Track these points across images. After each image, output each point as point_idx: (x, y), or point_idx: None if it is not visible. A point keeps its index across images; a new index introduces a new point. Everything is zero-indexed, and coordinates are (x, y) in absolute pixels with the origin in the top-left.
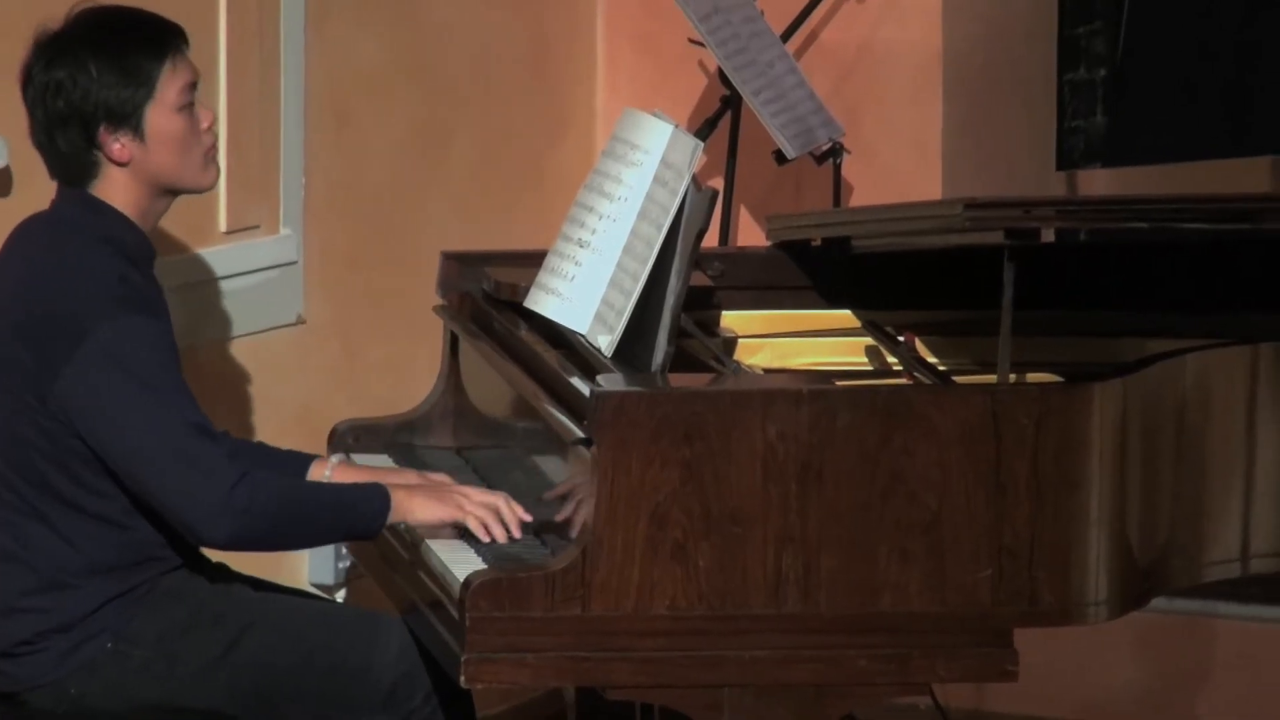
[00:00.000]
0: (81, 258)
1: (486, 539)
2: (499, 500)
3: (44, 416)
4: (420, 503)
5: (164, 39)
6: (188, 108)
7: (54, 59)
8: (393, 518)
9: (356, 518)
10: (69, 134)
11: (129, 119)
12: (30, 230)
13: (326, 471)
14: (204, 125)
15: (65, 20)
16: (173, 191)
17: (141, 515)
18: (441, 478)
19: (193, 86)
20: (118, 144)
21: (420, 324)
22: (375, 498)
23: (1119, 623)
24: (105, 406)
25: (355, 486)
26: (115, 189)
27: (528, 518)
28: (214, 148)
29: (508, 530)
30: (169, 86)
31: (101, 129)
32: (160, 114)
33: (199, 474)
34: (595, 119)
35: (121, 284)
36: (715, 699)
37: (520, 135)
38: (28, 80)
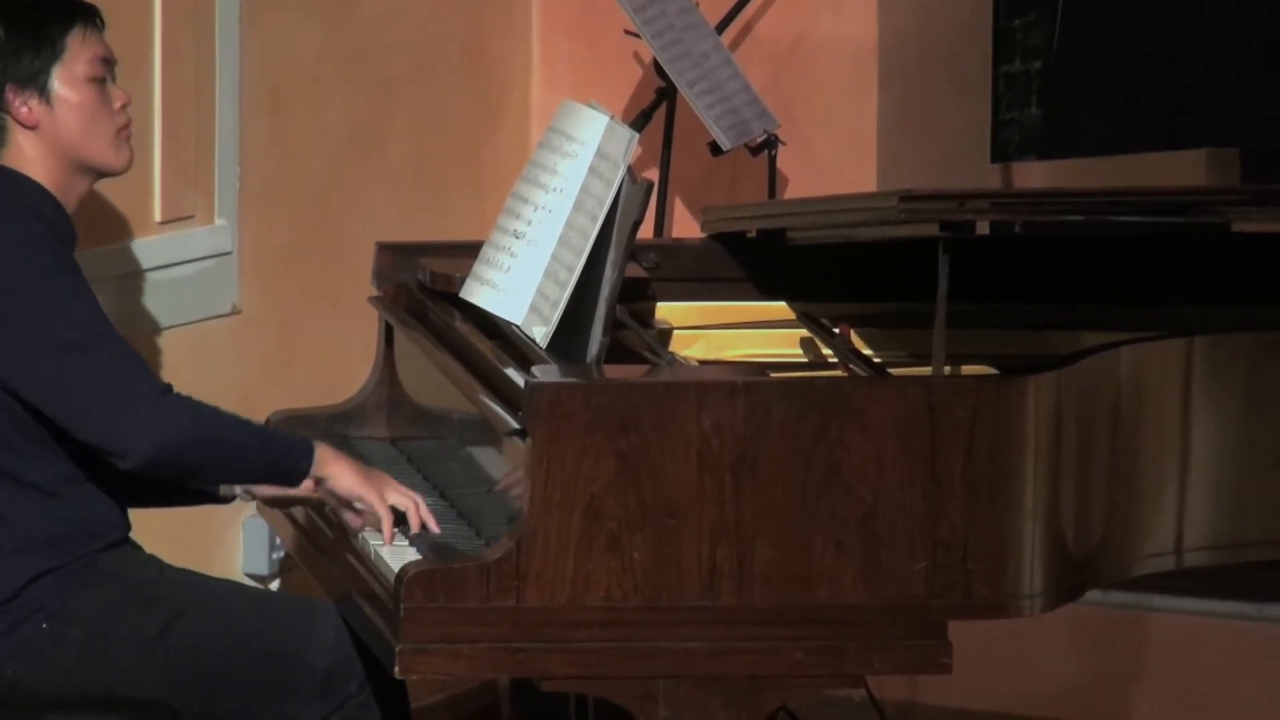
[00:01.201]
0: (5, 224)
1: (389, 539)
2: (418, 498)
3: None
4: (344, 468)
5: (74, 9)
6: (99, 81)
7: None
8: (315, 469)
9: (281, 455)
10: None
11: (35, 80)
12: None
13: None
14: (117, 104)
15: None
16: (87, 168)
17: (77, 488)
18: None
19: (106, 63)
20: (25, 107)
21: (355, 315)
22: (301, 443)
23: (1053, 615)
24: (30, 337)
25: (282, 433)
26: (27, 158)
27: (436, 529)
28: (127, 129)
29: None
30: (78, 55)
31: (8, 90)
32: (68, 80)
33: (122, 385)
34: (531, 110)
35: (43, 240)
36: (650, 690)
37: (456, 126)
38: None
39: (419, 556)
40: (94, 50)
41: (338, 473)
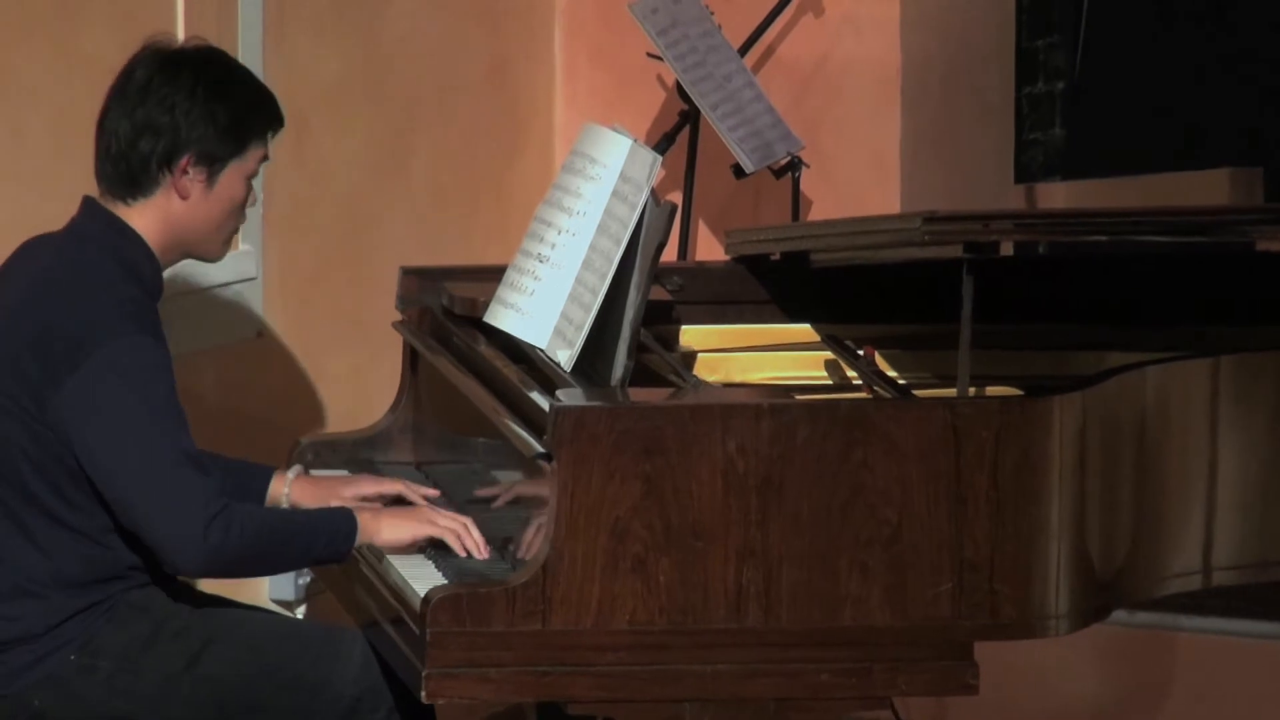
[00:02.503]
0: (99, 274)
1: (463, 553)
2: (467, 520)
3: (39, 424)
4: (387, 523)
5: (275, 117)
6: (250, 180)
7: (173, 77)
8: (360, 540)
9: (325, 546)
10: (156, 144)
11: (213, 164)
12: (47, 244)
13: (285, 489)
14: (250, 203)
15: (188, 45)
16: (187, 251)
17: (118, 536)
18: (397, 485)
19: (263, 162)
20: (187, 177)
21: (380, 339)
22: (342, 524)
23: (1079, 635)
24: (100, 417)
25: (323, 513)
26: (149, 218)
27: (485, 554)
28: (238, 229)
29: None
30: (253, 158)
31: (187, 156)
32: (235, 175)
33: (178, 504)
34: (554, 133)
35: (133, 304)
36: (676, 713)
37: (479, 150)
38: (149, 82)
39: (445, 581)
40: (263, 153)
41: (379, 533)
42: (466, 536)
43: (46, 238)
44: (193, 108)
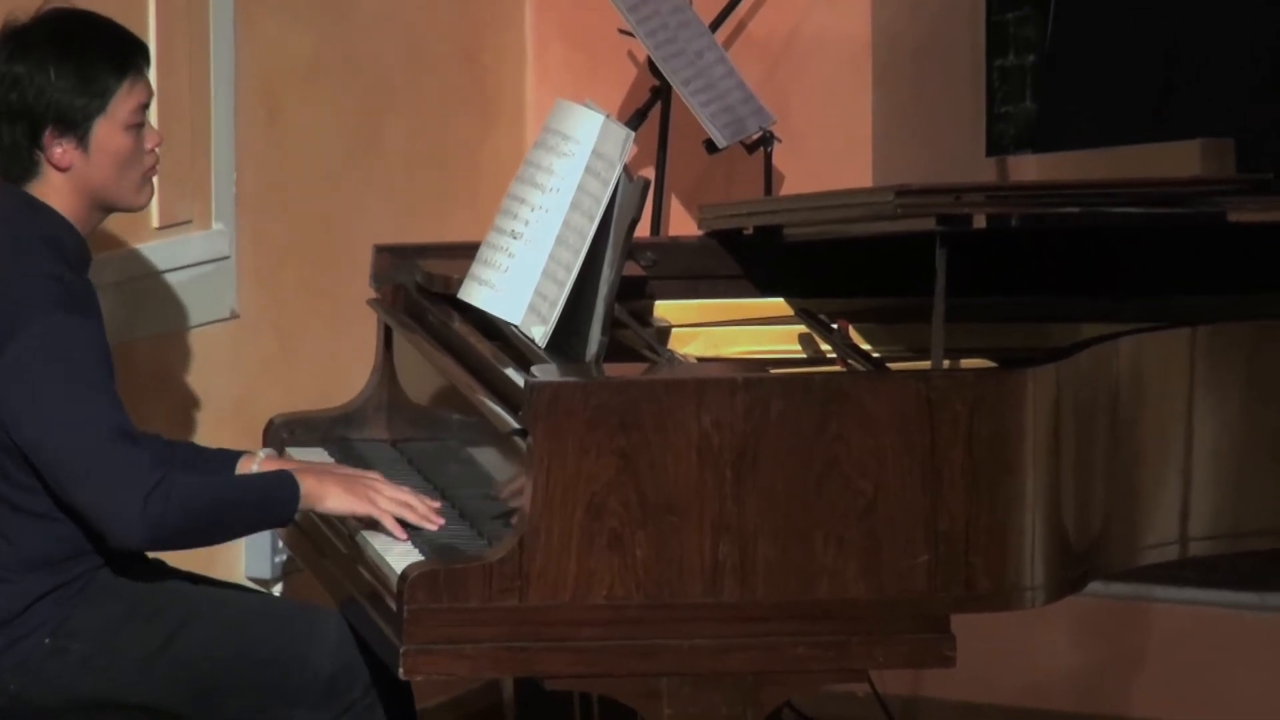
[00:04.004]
0: (19, 256)
1: (403, 537)
2: (408, 495)
3: None
4: (331, 491)
5: (127, 56)
6: (137, 127)
7: (15, 53)
8: (302, 505)
9: (267, 510)
10: (15, 129)
11: (77, 127)
12: None
13: (254, 466)
14: (149, 145)
15: (34, 16)
16: (106, 207)
17: (73, 509)
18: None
19: (145, 106)
20: (59, 149)
21: (354, 317)
22: (284, 487)
23: (1056, 607)
24: (31, 401)
25: (264, 477)
26: (53, 193)
27: (437, 505)
28: (154, 168)
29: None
30: (122, 104)
31: (48, 131)
32: (108, 129)
33: (116, 479)
34: (525, 110)
35: (57, 283)
36: (653, 688)
37: (451, 127)
38: None
39: (421, 557)
40: (139, 98)
41: (323, 500)
42: (411, 513)
43: None
44: (34, 79)
